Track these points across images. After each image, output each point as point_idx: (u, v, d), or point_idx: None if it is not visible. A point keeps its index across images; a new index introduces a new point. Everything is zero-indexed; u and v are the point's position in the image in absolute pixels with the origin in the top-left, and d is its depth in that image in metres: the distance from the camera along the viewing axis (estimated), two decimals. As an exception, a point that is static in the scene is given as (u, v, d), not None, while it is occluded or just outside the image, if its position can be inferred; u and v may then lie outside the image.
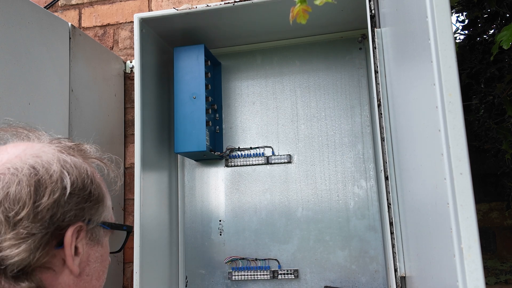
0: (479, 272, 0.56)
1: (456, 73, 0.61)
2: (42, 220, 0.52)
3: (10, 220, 0.51)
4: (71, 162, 0.58)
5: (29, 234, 0.52)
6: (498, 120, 1.82)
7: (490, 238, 2.56)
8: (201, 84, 1.43)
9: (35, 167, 0.54)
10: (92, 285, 0.61)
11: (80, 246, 0.57)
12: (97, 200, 0.61)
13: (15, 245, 0.51)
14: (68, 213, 0.55)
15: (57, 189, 0.54)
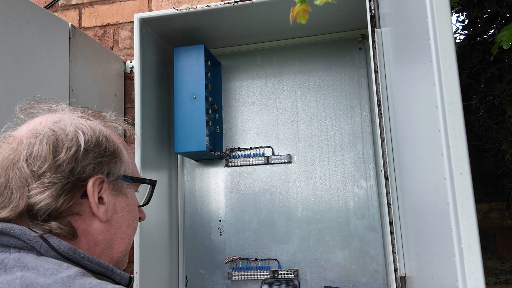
0: (479, 272, 0.56)
1: (456, 73, 0.61)
2: (62, 172, 0.62)
3: (35, 173, 0.61)
4: (86, 124, 0.67)
5: (51, 183, 0.61)
6: (498, 120, 1.83)
7: (490, 238, 2.56)
8: (201, 84, 1.43)
9: (54, 129, 0.64)
10: (122, 231, 0.69)
11: (105, 196, 0.66)
12: (114, 155, 0.69)
13: (40, 192, 0.60)
14: (86, 167, 0.64)
15: (73, 146, 0.63)
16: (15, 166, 0.61)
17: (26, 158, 0.61)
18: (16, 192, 0.61)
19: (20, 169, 0.61)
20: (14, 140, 0.64)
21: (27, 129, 0.65)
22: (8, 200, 0.61)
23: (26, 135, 0.64)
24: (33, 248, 0.59)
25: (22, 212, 0.61)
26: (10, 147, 0.63)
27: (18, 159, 0.62)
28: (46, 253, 0.59)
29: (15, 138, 0.64)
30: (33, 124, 0.67)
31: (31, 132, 0.64)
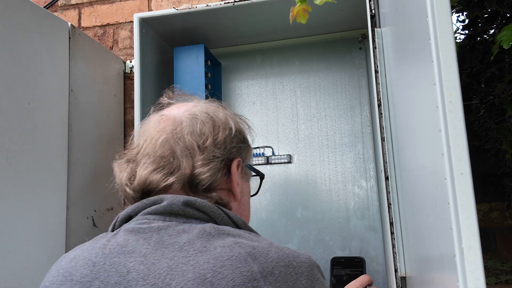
0: (479, 272, 0.56)
1: (457, 73, 0.61)
2: (220, 149, 0.70)
3: (200, 147, 0.68)
4: (229, 113, 0.78)
5: (215, 157, 0.69)
6: (499, 120, 1.82)
7: (491, 238, 2.56)
8: (201, 84, 1.43)
9: (208, 113, 0.74)
10: (245, 215, 0.77)
11: (239, 179, 0.74)
12: (247, 144, 0.79)
13: (205, 164, 0.68)
14: (233, 149, 0.73)
15: (227, 128, 0.74)
16: (180, 139, 0.68)
17: (190, 133, 0.69)
18: (182, 160, 0.67)
19: (184, 141, 0.68)
20: (173, 119, 0.71)
21: (183, 111, 0.73)
22: (177, 167, 0.67)
23: (184, 115, 0.72)
24: (211, 220, 0.65)
25: (185, 181, 0.67)
26: (170, 124, 0.70)
27: (182, 134, 0.69)
28: (225, 224, 0.65)
29: (173, 118, 0.71)
30: (185, 107, 0.75)
31: (188, 113, 0.72)
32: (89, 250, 0.62)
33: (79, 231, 1.34)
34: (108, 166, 1.53)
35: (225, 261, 0.56)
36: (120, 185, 0.72)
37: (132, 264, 0.58)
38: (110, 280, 0.57)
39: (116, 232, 0.65)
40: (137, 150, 0.72)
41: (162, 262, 0.57)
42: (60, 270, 0.62)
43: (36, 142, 1.18)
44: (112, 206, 1.54)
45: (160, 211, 0.64)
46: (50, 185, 1.22)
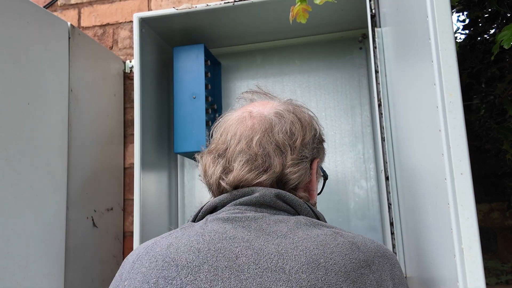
0: (479, 272, 0.55)
1: (457, 73, 0.61)
2: (308, 149, 0.74)
3: (291, 146, 0.71)
4: (310, 113, 0.80)
5: (303, 157, 0.73)
6: (499, 120, 1.82)
7: (491, 239, 2.56)
8: (201, 84, 1.43)
9: (295, 113, 0.76)
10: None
11: (316, 179, 0.78)
12: (323, 146, 0.82)
13: (295, 164, 0.71)
14: (314, 149, 0.76)
15: (312, 130, 0.77)
16: (272, 139, 0.71)
17: (281, 132, 0.72)
18: (275, 159, 0.70)
19: (277, 141, 0.71)
20: (262, 118, 0.73)
21: (269, 109, 0.75)
22: (268, 165, 0.70)
23: (271, 114, 0.74)
24: (297, 213, 0.69)
25: (274, 179, 0.70)
26: (259, 122, 0.73)
27: (273, 134, 0.71)
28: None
29: (262, 116, 0.74)
30: (270, 105, 0.77)
31: (275, 112, 0.74)
32: (187, 238, 0.64)
33: (79, 231, 1.34)
34: (108, 166, 1.53)
35: (333, 248, 0.60)
36: (211, 178, 0.73)
37: (238, 249, 0.61)
38: (219, 265, 0.59)
39: (204, 222, 0.68)
40: (225, 146, 0.73)
41: (270, 248, 0.60)
42: (158, 256, 0.63)
43: (36, 142, 1.18)
44: (112, 206, 1.54)
45: (252, 202, 0.68)
46: (50, 185, 1.21)
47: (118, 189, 1.59)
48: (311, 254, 0.59)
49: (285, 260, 0.58)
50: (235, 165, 0.70)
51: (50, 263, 1.19)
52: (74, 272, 1.29)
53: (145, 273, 0.62)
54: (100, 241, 1.45)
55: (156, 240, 0.68)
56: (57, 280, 1.21)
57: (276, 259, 0.59)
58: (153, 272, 0.62)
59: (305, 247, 0.60)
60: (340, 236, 0.62)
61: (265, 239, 0.62)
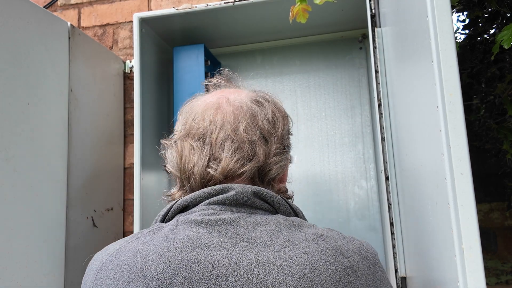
0: (480, 272, 0.55)
1: (457, 73, 0.61)
2: (287, 139, 0.73)
3: (274, 135, 0.69)
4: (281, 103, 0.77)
5: (286, 147, 0.71)
6: (499, 120, 1.82)
7: (491, 239, 2.56)
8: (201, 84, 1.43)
9: (274, 103, 0.73)
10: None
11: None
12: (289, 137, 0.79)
13: (278, 154, 0.68)
14: (289, 140, 0.75)
15: (288, 120, 0.75)
16: (255, 126, 0.67)
17: (266, 121, 0.68)
18: (259, 148, 0.66)
19: (261, 128, 0.67)
20: (242, 104, 0.69)
21: (244, 97, 0.71)
22: (254, 154, 0.66)
23: (249, 101, 0.70)
24: (275, 211, 0.65)
25: (256, 170, 0.66)
26: (238, 109, 0.68)
27: (257, 121, 0.68)
28: (288, 215, 0.65)
29: (242, 103, 0.69)
30: (244, 93, 0.73)
31: (252, 100, 0.70)
32: (156, 244, 0.58)
33: (79, 231, 1.34)
34: (108, 166, 1.53)
35: (317, 256, 0.56)
36: (195, 167, 0.66)
37: (214, 258, 0.56)
38: (194, 276, 0.54)
39: (174, 224, 0.62)
40: (203, 131, 0.67)
41: (249, 257, 0.56)
42: (124, 266, 0.57)
43: (36, 142, 1.17)
44: (111, 206, 1.54)
45: (228, 201, 0.62)
46: (50, 185, 1.21)
47: (118, 189, 1.59)
48: (295, 265, 0.55)
49: (267, 272, 0.54)
50: (224, 154, 0.65)
51: (50, 263, 1.19)
52: (74, 272, 1.29)
53: (110, 285, 0.56)
54: (100, 241, 1.45)
55: (121, 245, 0.61)
56: (57, 280, 1.21)
57: (257, 270, 0.54)
58: (118, 284, 0.56)
59: (287, 257, 0.56)
60: (323, 240, 0.59)
61: (244, 247, 0.57)
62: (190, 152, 0.67)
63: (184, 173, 0.68)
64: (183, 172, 0.68)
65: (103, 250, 0.63)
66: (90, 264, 0.62)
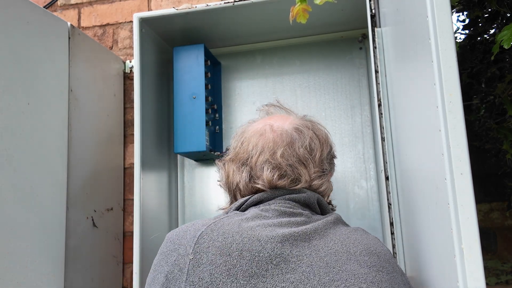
0: (479, 272, 0.55)
1: (457, 73, 0.61)
2: (326, 163, 0.81)
3: (312, 160, 0.78)
4: (325, 130, 0.88)
5: (324, 170, 0.81)
6: (499, 120, 1.82)
7: (491, 239, 2.56)
8: (201, 84, 1.43)
9: (313, 130, 0.82)
10: None
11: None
12: (334, 163, 0.89)
13: (319, 177, 0.78)
14: (329, 165, 0.84)
15: (328, 146, 0.84)
16: (292, 152, 0.77)
17: (302, 147, 0.78)
18: (300, 170, 0.77)
19: (298, 155, 0.77)
20: (283, 132, 0.79)
21: (288, 124, 0.81)
22: (298, 175, 0.77)
23: (290, 128, 0.80)
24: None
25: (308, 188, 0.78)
26: (280, 136, 0.79)
27: (294, 148, 0.77)
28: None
29: (283, 130, 0.79)
30: (289, 121, 0.83)
31: (294, 127, 0.80)
32: (256, 221, 0.69)
33: (79, 231, 1.34)
34: (108, 166, 1.53)
35: (371, 240, 0.70)
36: (240, 182, 0.79)
37: (308, 232, 0.68)
38: (299, 243, 0.66)
39: (256, 211, 0.73)
40: (246, 155, 0.79)
41: (331, 234, 0.69)
42: (233, 232, 0.67)
43: (35, 142, 1.17)
44: (112, 206, 1.54)
45: (301, 200, 0.76)
46: (50, 185, 1.21)
47: (118, 189, 1.59)
48: (363, 243, 0.68)
49: (348, 245, 0.67)
50: (263, 173, 0.76)
51: (50, 263, 1.19)
52: (74, 272, 1.29)
53: (221, 247, 0.65)
54: (100, 241, 1.45)
55: (213, 220, 0.71)
56: (57, 280, 1.21)
57: (340, 243, 0.67)
58: (232, 245, 0.64)
59: (355, 238, 0.69)
60: (365, 232, 0.74)
61: (323, 228, 0.69)
62: (235, 172, 0.80)
63: (230, 190, 0.82)
64: (230, 189, 0.82)
65: (184, 229, 0.72)
66: (174, 237, 0.71)
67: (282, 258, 0.64)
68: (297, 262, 0.63)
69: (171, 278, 0.65)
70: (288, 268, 0.63)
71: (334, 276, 0.62)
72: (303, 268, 0.63)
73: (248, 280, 0.62)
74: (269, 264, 0.63)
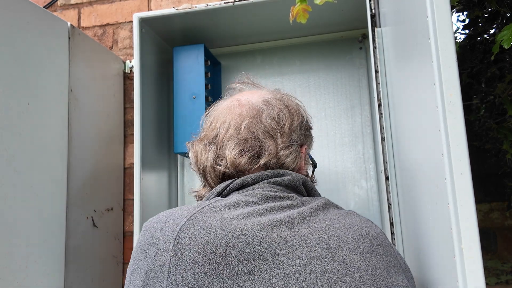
0: (479, 272, 0.55)
1: (457, 73, 0.61)
2: (296, 134, 0.78)
3: (280, 131, 0.75)
4: (298, 102, 0.84)
5: (293, 140, 0.77)
6: (499, 120, 1.82)
7: (491, 239, 2.56)
8: (201, 84, 1.43)
9: (282, 101, 0.79)
10: None
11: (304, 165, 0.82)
12: (311, 134, 0.86)
13: (286, 147, 0.75)
14: (302, 135, 0.80)
15: (299, 116, 0.80)
16: (260, 124, 0.74)
17: (269, 118, 0.75)
18: (266, 142, 0.74)
19: (265, 126, 0.74)
20: (250, 105, 0.77)
21: (257, 97, 0.79)
22: (261, 148, 0.74)
23: (259, 101, 0.77)
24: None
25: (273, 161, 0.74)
26: (247, 109, 0.76)
27: (261, 119, 0.75)
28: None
29: (250, 104, 0.77)
30: (258, 94, 0.80)
31: (263, 99, 0.78)
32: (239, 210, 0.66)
33: (79, 231, 1.34)
34: (108, 166, 1.53)
35: (362, 223, 0.68)
36: (206, 164, 0.76)
37: (296, 221, 0.66)
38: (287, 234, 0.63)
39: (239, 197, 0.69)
40: (215, 133, 0.77)
41: (320, 221, 0.66)
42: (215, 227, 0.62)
43: (35, 142, 1.18)
44: (112, 206, 1.54)
45: (285, 183, 0.73)
46: (49, 185, 1.21)
47: (118, 189, 1.59)
48: (354, 228, 0.66)
49: (339, 231, 0.65)
50: (227, 151, 0.74)
51: (50, 263, 1.19)
52: (74, 272, 1.29)
53: (204, 243, 0.61)
54: (100, 241, 1.45)
55: (194, 214, 0.65)
56: (57, 280, 1.21)
57: (331, 229, 0.65)
58: (216, 241, 0.60)
59: (346, 222, 0.67)
60: (356, 215, 0.71)
61: (312, 214, 0.67)
62: (202, 152, 0.77)
63: (200, 171, 0.78)
64: (199, 171, 0.78)
65: (160, 218, 0.68)
66: (152, 229, 0.66)
67: (270, 252, 0.60)
68: (286, 255, 0.60)
69: (151, 275, 0.62)
70: (277, 263, 0.60)
71: (325, 267, 0.60)
72: (293, 261, 0.60)
73: (235, 279, 0.58)
74: (257, 260, 0.60)
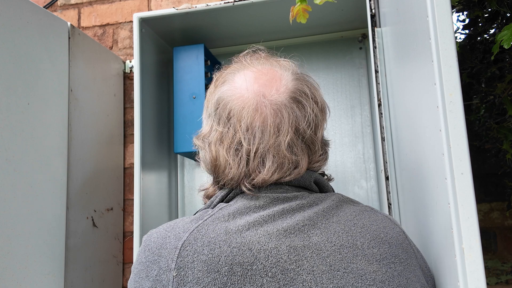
0: (480, 272, 0.55)
1: (457, 73, 0.61)
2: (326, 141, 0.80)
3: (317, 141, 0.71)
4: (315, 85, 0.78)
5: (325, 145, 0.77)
6: (499, 120, 1.82)
7: (491, 238, 2.56)
8: (201, 84, 1.43)
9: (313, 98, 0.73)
10: None
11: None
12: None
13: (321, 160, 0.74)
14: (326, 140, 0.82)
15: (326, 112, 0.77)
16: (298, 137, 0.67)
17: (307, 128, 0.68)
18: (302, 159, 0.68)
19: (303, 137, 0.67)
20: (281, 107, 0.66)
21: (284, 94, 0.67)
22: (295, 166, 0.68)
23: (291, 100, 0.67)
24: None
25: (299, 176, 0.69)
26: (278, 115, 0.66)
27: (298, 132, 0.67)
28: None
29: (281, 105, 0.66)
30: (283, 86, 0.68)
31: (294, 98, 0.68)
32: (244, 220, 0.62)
33: (79, 231, 1.34)
34: (108, 166, 1.53)
35: (380, 223, 0.64)
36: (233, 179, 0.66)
37: (306, 228, 0.61)
38: (297, 245, 0.59)
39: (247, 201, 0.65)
40: (239, 137, 0.65)
41: (334, 226, 0.62)
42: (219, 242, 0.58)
43: (35, 142, 1.17)
44: (112, 206, 1.54)
45: (294, 182, 0.67)
46: (50, 185, 1.21)
47: (118, 189, 1.59)
48: (371, 230, 0.62)
49: (354, 236, 0.61)
50: (264, 170, 0.65)
51: (50, 263, 1.19)
52: (74, 272, 1.29)
53: (208, 262, 0.57)
54: (100, 241, 1.45)
55: (196, 228, 0.61)
56: (57, 280, 1.21)
57: (345, 234, 0.61)
58: (220, 259, 0.57)
59: (363, 224, 0.63)
60: (374, 213, 0.66)
61: (324, 216, 0.63)
62: (225, 163, 0.67)
63: (218, 177, 0.69)
64: (217, 177, 0.69)
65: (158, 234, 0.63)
66: (151, 245, 0.62)
67: (279, 268, 0.57)
68: (296, 270, 0.57)
69: None
70: (287, 279, 0.56)
71: (338, 281, 0.56)
72: (303, 276, 0.56)
73: None
74: (264, 278, 0.56)
